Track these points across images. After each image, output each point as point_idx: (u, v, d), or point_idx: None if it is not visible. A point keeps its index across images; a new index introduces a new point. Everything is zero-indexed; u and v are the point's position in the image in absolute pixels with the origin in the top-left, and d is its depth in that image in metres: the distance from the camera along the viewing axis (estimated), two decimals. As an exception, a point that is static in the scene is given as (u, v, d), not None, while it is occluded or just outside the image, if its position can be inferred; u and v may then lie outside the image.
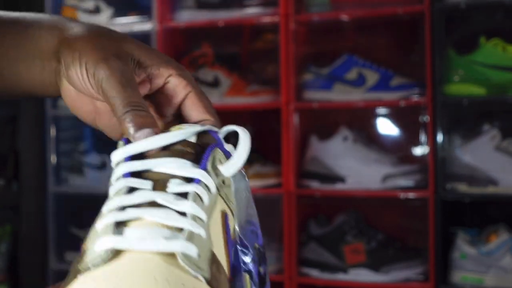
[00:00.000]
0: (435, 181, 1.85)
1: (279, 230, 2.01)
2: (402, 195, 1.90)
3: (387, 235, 2.01)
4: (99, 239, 0.38)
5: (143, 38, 2.02)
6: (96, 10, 2.24)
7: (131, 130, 0.46)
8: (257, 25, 2.11)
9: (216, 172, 0.44)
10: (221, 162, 0.45)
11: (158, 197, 0.40)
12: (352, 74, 2.01)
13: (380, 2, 1.94)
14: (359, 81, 1.99)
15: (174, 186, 0.41)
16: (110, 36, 0.51)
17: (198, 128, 0.46)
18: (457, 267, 1.84)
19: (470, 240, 1.86)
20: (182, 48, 2.24)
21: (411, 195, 1.89)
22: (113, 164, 0.45)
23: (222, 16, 2.07)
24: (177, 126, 0.47)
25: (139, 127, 0.46)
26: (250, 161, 1.36)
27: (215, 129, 0.47)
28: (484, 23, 2.02)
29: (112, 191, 0.42)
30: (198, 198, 0.41)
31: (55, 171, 2.30)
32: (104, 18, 2.22)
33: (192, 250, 0.37)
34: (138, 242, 0.37)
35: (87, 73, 0.49)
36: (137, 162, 0.43)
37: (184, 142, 0.44)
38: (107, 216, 0.40)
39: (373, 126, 2.15)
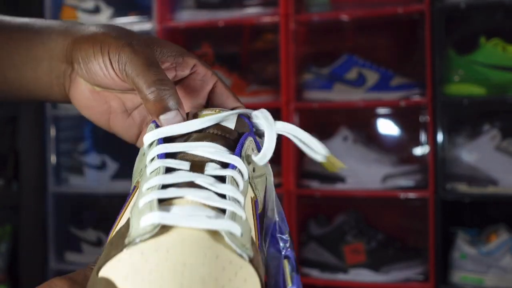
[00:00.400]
0: (435, 181, 1.85)
1: (279, 230, 2.01)
2: (402, 195, 1.90)
3: (387, 235, 2.01)
4: (144, 215, 0.38)
5: (143, 38, 2.01)
6: (96, 10, 2.24)
7: (156, 112, 0.46)
8: (257, 25, 2.11)
9: (248, 160, 0.44)
10: (252, 151, 0.45)
11: (198, 178, 0.41)
12: (352, 74, 2.00)
13: (380, 2, 1.94)
14: (359, 81, 1.99)
15: (212, 169, 0.42)
16: (131, 31, 0.51)
17: (231, 112, 0.46)
18: (457, 267, 1.84)
19: (470, 240, 1.86)
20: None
21: (411, 195, 1.89)
22: (145, 145, 0.44)
23: (222, 16, 2.07)
24: (210, 109, 0.47)
25: (164, 109, 0.45)
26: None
27: (249, 111, 0.48)
28: (484, 23, 2.02)
29: (148, 170, 0.42)
30: (234, 182, 0.42)
31: (55, 171, 2.30)
32: (104, 18, 2.22)
33: (237, 229, 0.38)
34: (185, 219, 0.38)
35: (110, 61, 0.48)
36: (174, 144, 0.43)
37: (218, 126, 0.45)
38: (149, 194, 0.40)
39: (373, 126, 2.15)
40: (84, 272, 0.45)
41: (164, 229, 0.38)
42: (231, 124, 0.45)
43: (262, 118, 0.47)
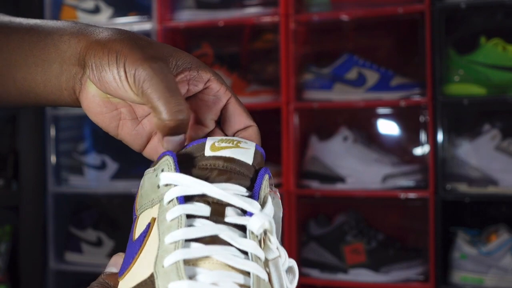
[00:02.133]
0: (435, 181, 1.85)
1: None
2: (402, 195, 1.90)
3: (387, 235, 2.01)
4: (172, 281, 0.39)
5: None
6: (96, 10, 2.24)
7: (163, 134, 0.46)
8: (257, 25, 2.11)
9: (265, 200, 0.44)
10: (269, 188, 0.46)
11: (222, 232, 0.41)
12: (352, 74, 2.00)
13: (380, 2, 1.94)
14: (359, 81, 1.99)
15: (232, 214, 0.42)
16: (146, 39, 0.50)
17: (250, 146, 0.46)
18: (457, 267, 1.84)
19: (470, 240, 1.86)
20: (182, 48, 2.23)
21: (411, 195, 1.89)
22: (161, 182, 0.44)
23: (222, 16, 2.07)
24: (227, 140, 0.46)
25: (173, 134, 0.46)
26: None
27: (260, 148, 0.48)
28: (484, 23, 2.02)
29: (168, 216, 0.42)
30: (253, 234, 0.42)
31: (55, 171, 2.30)
32: (104, 18, 2.22)
33: None
34: None
35: (125, 74, 0.47)
36: (193, 184, 0.43)
37: (236, 161, 0.45)
38: (174, 252, 0.40)
39: (373, 126, 2.15)
40: None
41: None
42: (249, 157, 0.45)
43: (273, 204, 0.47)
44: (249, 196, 0.44)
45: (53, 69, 0.51)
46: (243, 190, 0.44)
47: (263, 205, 0.44)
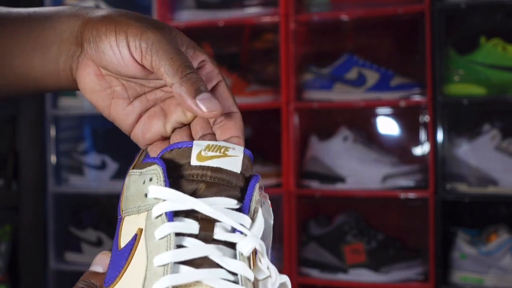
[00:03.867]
0: (435, 181, 1.85)
1: (279, 230, 2.01)
2: (402, 195, 1.90)
3: (387, 235, 2.01)
4: None
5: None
6: (96, 10, 2.24)
7: (192, 93, 0.46)
8: (257, 25, 2.11)
9: (255, 212, 0.44)
10: (259, 198, 0.45)
11: (212, 253, 0.40)
12: (352, 74, 2.00)
13: (380, 2, 1.94)
14: (359, 81, 1.99)
15: (221, 231, 0.42)
16: (144, 15, 0.51)
17: (238, 153, 0.45)
18: (457, 267, 1.84)
19: (470, 240, 1.86)
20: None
21: (411, 195, 1.89)
22: (150, 193, 0.43)
23: (222, 16, 2.07)
24: (213, 146, 0.45)
25: (199, 91, 0.46)
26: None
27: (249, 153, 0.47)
28: (484, 23, 2.02)
29: (157, 234, 0.41)
30: (243, 255, 0.42)
31: (55, 171, 2.30)
32: (104, 18, 2.21)
33: None
34: None
35: (127, 44, 0.48)
36: (183, 200, 0.42)
37: (224, 171, 0.44)
38: (163, 278, 0.39)
39: (373, 126, 2.15)
40: None
41: None
42: (237, 166, 0.44)
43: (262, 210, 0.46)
44: (239, 209, 0.43)
45: (51, 53, 0.52)
46: (233, 203, 0.43)
47: (253, 219, 0.43)
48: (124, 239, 0.44)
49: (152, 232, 0.41)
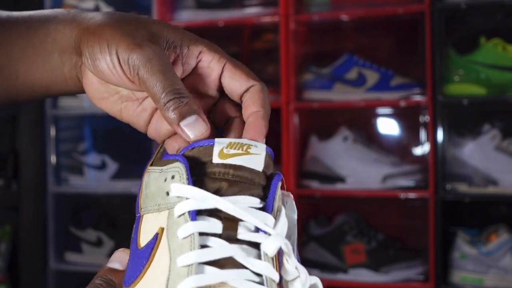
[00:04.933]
0: (435, 181, 1.85)
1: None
2: (402, 195, 1.90)
3: (387, 235, 2.01)
4: None
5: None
6: (96, 10, 2.23)
7: (176, 120, 0.45)
8: (257, 25, 2.11)
9: (279, 211, 0.43)
10: (282, 199, 0.45)
11: (236, 253, 0.40)
12: (352, 74, 2.00)
13: (380, 2, 1.94)
14: (359, 81, 1.99)
15: (244, 231, 0.41)
16: (137, 21, 0.50)
17: (261, 150, 0.45)
18: (457, 267, 1.84)
19: (470, 240, 1.85)
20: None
21: (411, 195, 1.89)
22: (172, 191, 0.42)
23: (222, 16, 2.07)
24: (235, 143, 0.44)
25: (183, 116, 0.45)
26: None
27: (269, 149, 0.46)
28: (484, 23, 2.02)
29: (180, 233, 0.40)
30: (267, 256, 0.41)
31: (55, 171, 2.30)
32: (104, 18, 2.22)
33: None
34: None
35: (119, 61, 0.47)
36: (206, 199, 0.41)
37: (247, 169, 0.43)
38: (187, 279, 0.38)
39: (373, 126, 2.15)
40: None
41: None
42: (259, 164, 0.44)
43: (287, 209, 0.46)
44: (262, 208, 0.43)
45: (53, 60, 0.52)
46: (256, 202, 0.42)
47: (276, 218, 0.43)
48: (144, 237, 0.43)
49: (175, 231, 0.41)
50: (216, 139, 0.44)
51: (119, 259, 0.47)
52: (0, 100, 0.54)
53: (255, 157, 0.44)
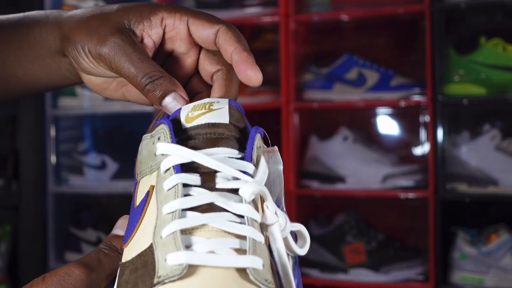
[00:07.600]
0: (435, 181, 1.85)
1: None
2: (402, 195, 1.90)
3: (387, 235, 2.01)
4: (170, 253, 0.39)
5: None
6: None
7: (157, 101, 0.48)
8: (257, 25, 2.11)
9: (258, 160, 0.45)
10: (261, 148, 0.47)
11: (217, 199, 0.42)
12: (352, 74, 2.00)
13: (380, 2, 1.94)
14: (359, 81, 1.99)
15: (222, 181, 0.43)
16: (103, 16, 0.51)
17: (223, 105, 0.46)
18: (457, 267, 1.84)
19: (470, 240, 1.86)
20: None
21: (411, 195, 1.89)
22: (158, 152, 0.45)
23: (222, 16, 2.06)
24: (198, 104, 0.47)
25: (162, 96, 0.48)
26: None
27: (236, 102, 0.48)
28: (484, 23, 2.02)
29: (165, 185, 0.43)
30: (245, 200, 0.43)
31: (55, 171, 2.30)
32: (104, 18, 2.21)
33: (258, 263, 0.40)
34: (210, 258, 0.39)
35: (94, 59, 0.49)
36: (186, 154, 0.43)
37: (213, 124, 0.45)
38: (171, 223, 0.40)
39: (373, 126, 2.15)
40: (98, 256, 0.47)
41: (191, 269, 0.38)
42: (224, 117, 0.46)
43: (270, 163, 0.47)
44: (241, 158, 0.45)
45: (48, 65, 0.54)
46: (235, 152, 0.45)
47: (256, 167, 0.44)
48: (139, 198, 0.46)
49: (162, 186, 0.43)
50: (183, 106, 0.47)
51: (122, 226, 0.50)
52: (1, 97, 0.57)
53: (218, 112, 0.46)
